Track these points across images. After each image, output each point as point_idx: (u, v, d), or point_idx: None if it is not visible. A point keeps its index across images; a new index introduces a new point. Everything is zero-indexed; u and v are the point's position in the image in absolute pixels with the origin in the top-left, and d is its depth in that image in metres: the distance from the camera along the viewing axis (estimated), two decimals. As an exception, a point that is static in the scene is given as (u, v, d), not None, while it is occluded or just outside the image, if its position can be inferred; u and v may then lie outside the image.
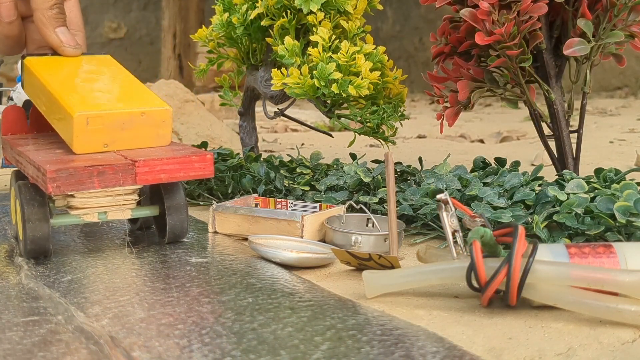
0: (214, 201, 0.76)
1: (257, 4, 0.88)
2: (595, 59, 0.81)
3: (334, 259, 0.63)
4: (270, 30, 0.89)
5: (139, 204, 0.69)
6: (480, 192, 0.72)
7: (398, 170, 0.85)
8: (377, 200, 0.77)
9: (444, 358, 0.41)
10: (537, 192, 0.71)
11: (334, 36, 0.83)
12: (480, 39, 0.75)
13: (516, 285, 0.48)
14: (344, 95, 0.81)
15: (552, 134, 0.84)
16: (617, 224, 0.63)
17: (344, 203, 0.76)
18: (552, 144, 0.85)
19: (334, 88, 0.80)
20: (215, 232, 0.74)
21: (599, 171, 0.74)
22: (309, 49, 0.83)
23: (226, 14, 0.94)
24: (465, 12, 0.76)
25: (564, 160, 0.83)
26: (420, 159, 0.87)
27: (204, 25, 1.03)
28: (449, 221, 0.55)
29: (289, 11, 0.86)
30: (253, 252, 0.66)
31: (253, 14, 0.88)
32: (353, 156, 0.91)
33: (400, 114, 0.89)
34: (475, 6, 0.76)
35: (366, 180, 0.80)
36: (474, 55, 0.84)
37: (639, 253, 0.50)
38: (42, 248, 0.63)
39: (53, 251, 0.66)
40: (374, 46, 0.85)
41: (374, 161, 0.94)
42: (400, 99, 0.90)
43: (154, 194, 0.71)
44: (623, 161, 1.28)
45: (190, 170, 0.63)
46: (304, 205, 0.76)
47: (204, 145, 1.02)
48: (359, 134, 0.91)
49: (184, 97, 1.49)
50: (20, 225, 0.64)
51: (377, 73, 0.82)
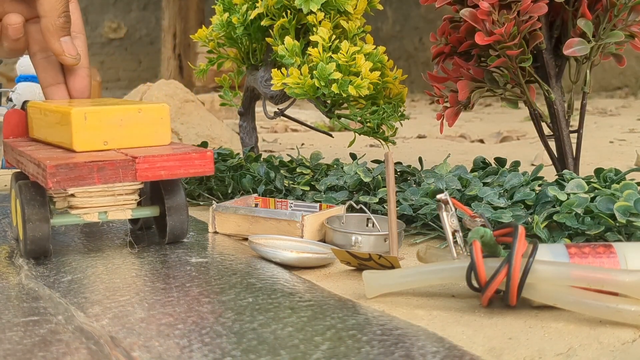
0: (214, 201, 0.76)
1: (257, 4, 0.88)
2: (595, 59, 0.81)
3: (334, 259, 0.63)
4: (270, 30, 0.89)
5: (139, 204, 0.69)
6: (480, 192, 0.72)
7: (398, 170, 0.85)
8: (377, 200, 0.77)
9: (444, 358, 0.41)
10: (537, 192, 0.71)
11: (334, 36, 0.83)
12: (480, 39, 0.75)
13: (516, 285, 0.48)
14: (344, 95, 0.81)
15: (552, 134, 0.84)
16: (617, 224, 0.63)
17: (344, 203, 0.76)
18: (552, 144, 0.85)
19: (334, 88, 0.80)
20: (215, 232, 0.74)
21: (599, 171, 0.74)
22: (309, 49, 0.83)
23: (226, 14, 0.94)
24: (465, 12, 0.76)
25: (564, 160, 0.83)
26: (420, 159, 0.87)
27: (204, 25, 1.03)
28: (449, 221, 0.55)
29: (289, 11, 0.86)
30: (253, 252, 0.66)
31: (253, 14, 0.88)
32: (353, 156, 0.91)
33: (400, 114, 0.89)
34: (475, 6, 0.76)
35: (366, 180, 0.80)
36: (474, 55, 0.84)
37: (639, 253, 0.50)
38: (42, 248, 0.63)
39: (53, 251, 0.66)
40: (374, 46, 0.85)
41: (374, 161, 0.94)
42: (400, 99, 0.90)
43: (154, 194, 0.71)
44: (623, 161, 1.28)
45: (190, 167, 0.63)
46: (304, 205, 0.76)
47: (203, 145, 1.02)
48: (359, 134, 0.91)
49: (184, 97, 1.49)
50: (20, 225, 0.64)
51: (377, 73, 0.82)
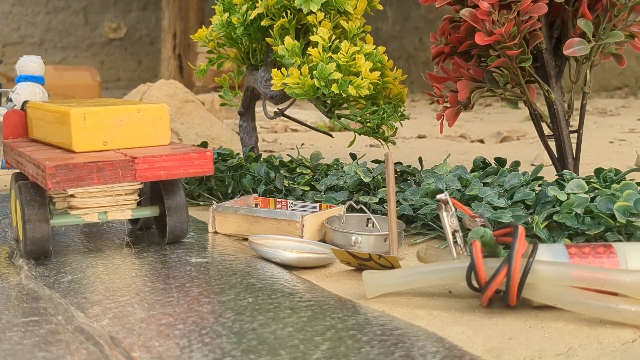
0: (214, 201, 0.76)
1: (257, 4, 0.88)
2: (595, 59, 0.81)
3: (334, 259, 0.63)
4: (270, 30, 0.89)
5: (139, 204, 0.69)
6: (480, 192, 0.72)
7: (398, 170, 0.85)
8: (377, 200, 0.77)
9: (444, 358, 0.41)
10: (537, 192, 0.71)
11: (334, 36, 0.83)
12: (480, 39, 0.75)
13: (516, 285, 0.48)
14: (344, 95, 0.81)
15: (552, 134, 0.84)
16: (617, 224, 0.63)
17: (344, 203, 0.76)
18: (552, 144, 0.85)
19: (334, 88, 0.80)
20: (215, 232, 0.74)
21: (599, 171, 0.74)
22: (309, 49, 0.83)
23: (226, 14, 0.94)
24: (465, 12, 0.76)
25: (564, 160, 0.83)
26: (420, 159, 0.87)
27: (204, 25, 1.03)
28: (449, 221, 0.55)
29: (289, 11, 0.86)
30: (253, 252, 0.66)
31: (253, 14, 0.88)
32: (353, 156, 0.91)
33: (400, 114, 0.89)
34: (475, 6, 0.76)
35: (366, 180, 0.80)
36: (474, 55, 0.84)
37: (639, 253, 0.50)
38: (42, 248, 0.63)
39: (53, 251, 0.66)
40: (374, 46, 0.85)
41: (374, 161, 0.94)
42: (400, 99, 0.90)
43: (154, 195, 0.71)
44: (623, 161, 1.28)
45: (190, 168, 0.63)
46: (304, 205, 0.76)
47: (203, 145, 1.02)
48: (359, 134, 0.91)
49: (184, 97, 1.49)
50: (20, 226, 0.64)
51: (377, 73, 0.82)
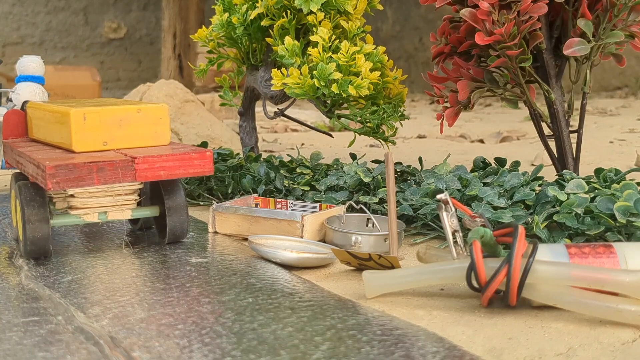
0: (214, 201, 0.76)
1: (257, 4, 0.88)
2: (595, 59, 0.81)
3: (334, 259, 0.63)
4: (270, 30, 0.89)
5: (139, 204, 0.69)
6: (480, 192, 0.72)
7: (398, 170, 0.85)
8: (377, 200, 0.77)
9: (444, 358, 0.41)
10: (537, 192, 0.71)
11: (334, 36, 0.83)
12: (480, 39, 0.75)
13: (516, 285, 0.48)
14: (344, 95, 0.81)
15: (552, 134, 0.84)
16: (617, 224, 0.63)
17: (344, 203, 0.76)
18: (552, 144, 0.85)
19: (334, 88, 0.80)
20: (215, 232, 0.74)
21: (599, 171, 0.74)
22: (309, 49, 0.82)
23: (226, 14, 0.94)
24: (465, 12, 0.76)
25: (564, 160, 0.83)
26: (420, 159, 0.87)
27: (204, 25, 1.03)
28: (449, 221, 0.55)
29: (289, 11, 0.86)
30: (253, 252, 0.66)
31: (253, 14, 0.88)
32: (353, 156, 0.91)
33: (400, 114, 0.89)
34: (475, 6, 0.76)
35: (366, 180, 0.80)
36: (474, 55, 0.84)
37: (639, 253, 0.50)
38: (42, 249, 0.63)
39: (53, 251, 0.66)
40: (374, 46, 0.85)
41: (374, 161, 0.94)
42: (400, 99, 0.90)
43: (154, 195, 0.71)
44: (623, 161, 1.28)
45: (190, 168, 0.63)
46: (304, 205, 0.76)
47: (203, 145, 1.02)
48: (359, 134, 0.91)
49: (184, 97, 1.49)
50: (20, 226, 0.64)
51: (377, 73, 0.82)
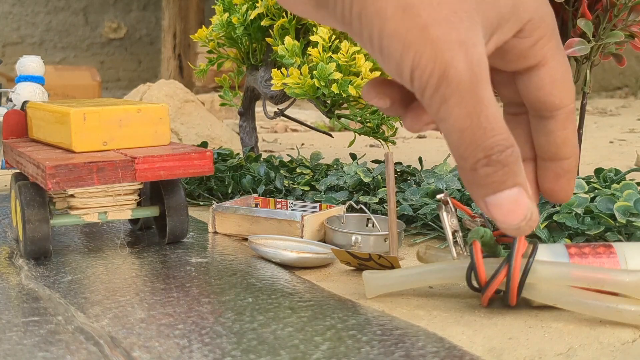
0: (214, 201, 0.76)
1: (257, 4, 0.88)
2: (595, 59, 0.81)
3: (334, 259, 0.63)
4: (270, 30, 0.89)
5: (139, 204, 0.69)
6: (480, 192, 0.72)
7: (398, 170, 0.85)
8: (377, 200, 0.77)
9: (444, 358, 0.41)
10: (537, 192, 0.71)
11: (334, 36, 0.83)
12: (480, 39, 0.75)
13: (516, 285, 0.48)
14: (344, 95, 0.81)
15: (552, 134, 0.84)
16: (617, 224, 0.63)
17: (344, 203, 0.76)
18: (552, 144, 0.85)
19: (334, 88, 0.80)
20: (215, 232, 0.74)
21: (599, 171, 0.74)
22: (309, 49, 0.82)
23: (226, 14, 0.94)
24: (465, 12, 0.76)
25: (564, 160, 0.83)
26: (420, 159, 0.87)
27: (204, 25, 1.03)
28: (449, 221, 0.55)
29: (289, 11, 0.86)
30: (253, 252, 0.66)
31: (253, 14, 0.88)
32: (353, 156, 0.91)
33: (400, 114, 0.89)
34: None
35: (366, 180, 0.80)
36: (474, 55, 0.84)
37: (639, 253, 0.50)
38: (42, 249, 0.63)
39: (53, 251, 0.66)
40: (374, 46, 0.84)
41: (374, 161, 0.94)
42: (400, 99, 0.90)
43: (154, 195, 0.71)
44: (623, 161, 1.28)
45: (190, 167, 0.63)
46: (304, 205, 0.76)
47: (203, 145, 1.02)
48: (359, 134, 0.91)
49: (184, 97, 1.49)
50: (20, 226, 0.64)
51: (378, 73, 0.82)
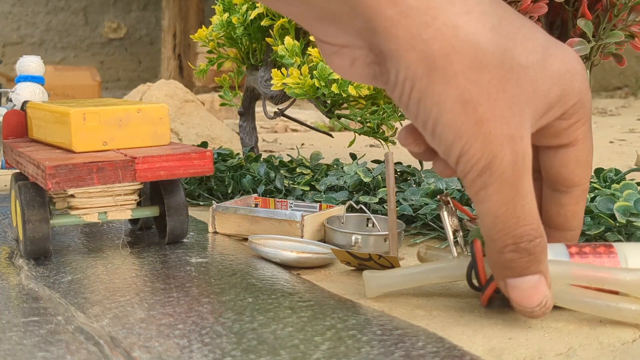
0: (214, 201, 0.76)
1: (257, 4, 0.88)
2: (595, 59, 0.81)
3: (334, 259, 0.63)
4: (270, 30, 0.89)
5: (139, 204, 0.69)
6: (480, 192, 0.72)
7: (398, 170, 0.85)
8: (377, 200, 0.77)
9: (444, 358, 0.41)
10: (537, 192, 0.71)
11: (333, 36, 0.83)
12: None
13: None
14: (344, 95, 0.81)
15: (552, 133, 0.84)
16: (617, 224, 0.63)
17: (344, 203, 0.76)
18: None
19: (334, 88, 0.80)
20: (215, 232, 0.74)
21: (599, 171, 0.74)
22: (309, 49, 0.83)
23: (226, 14, 0.94)
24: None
25: (564, 160, 0.83)
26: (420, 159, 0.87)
27: (204, 25, 1.03)
28: (449, 221, 0.55)
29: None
30: (253, 252, 0.66)
31: (253, 14, 0.88)
32: (353, 156, 0.91)
33: (400, 114, 0.89)
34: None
35: (366, 180, 0.80)
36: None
37: (639, 253, 0.50)
38: (42, 249, 0.63)
39: (53, 252, 0.66)
40: (374, 46, 0.84)
41: (374, 161, 0.94)
42: (400, 99, 0.90)
43: (154, 194, 0.71)
44: (623, 161, 1.28)
45: (190, 167, 0.63)
46: (304, 205, 0.76)
47: (203, 145, 1.02)
48: (359, 134, 0.91)
49: (184, 97, 1.49)
50: (20, 226, 0.64)
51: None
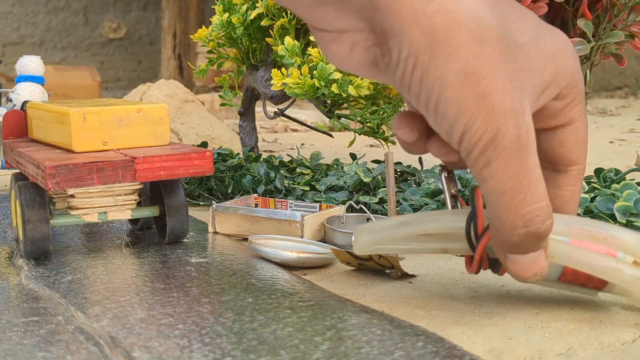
0: (214, 201, 0.76)
1: (257, 4, 0.88)
2: (595, 59, 0.81)
3: (334, 259, 0.63)
4: (270, 30, 0.89)
5: (139, 204, 0.69)
6: (480, 192, 0.72)
7: (398, 170, 0.85)
8: (377, 200, 0.77)
9: (444, 358, 0.41)
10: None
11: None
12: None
13: None
14: (344, 95, 0.81)
15: (552, 133, 0.84)
16: (617, 224, 0.63)
17: (344, 203, 0.76)
18: (552, 144, 0.85)
19: (334, 88, 0.80)
20: (215, 232, 0.74)
21: (599, 171, 0.74)
22: (309, 49, 0.83)
23: (226, 14, 0.94)
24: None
25: (564, 160, 0.83)
26: (420, 159, 0.87)
27: (204, 25, 1.03)
28: (448, 185, 0.52)
29: (289, 11, 0.86)
30: (253, 252, 0.66)
31: (253, 14, 0.88)
32: (353, 156, 0.91)
33: (400, 114, 0.89)
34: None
35: (366, 180, 0.80)
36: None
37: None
38: (42, 249, 0.63)
39: (53, 252, 0.66)
40: (374, 46, 0.84)
41: (374, 161, 0.94)
42: (401, 99, 0.90)
43: (154, 195, 0.71)
44: (623, 161, 1.28)
45: (190, 167, 0.63)
46: (304, 205, 0.76)
47: (203, 145, 1.02)
48: (359, 134, 0.91)
49: (184, 97, 1.49)
50: (20, 226, 0.64)
51: (377, 73, 0.82)
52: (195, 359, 0.41)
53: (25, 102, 0.80)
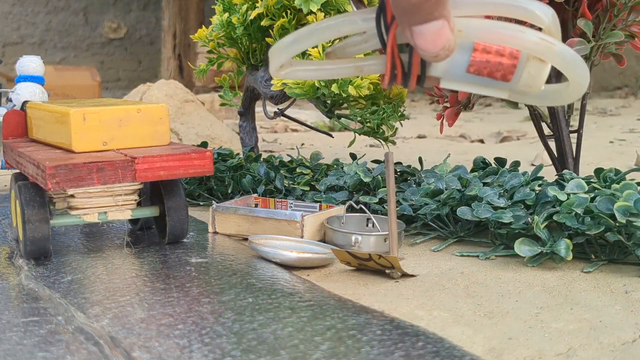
0: (214, 201, 0.76)
1: (257, 4, 0.88)
2: (595, 59, 0.81)
3: (334, 259, 0.63)
4: (270, 30, 0.89)
5: (139, 204, 0.69)
6: (480, 192, 0.72)
7: (398, 170, 0.85)
8: (377, 200, 0.77)
9: (444, 358, 0.41)
10: (537, 192, 0.71)
11: (333, 36, 0.83)
12: (480, 39, 0.75)
13: None
14: (344, 95, 0.81)
15: (552, 134, 0.84)
16: (617, 224, 0.63)
17: (344, 203, 0.76)
18: (552, 144, 0.85)
19: (334, 88, 0.80)
20: (215, 232, 0.74)
21: (599, 171, 0.74)
22: (309, 49, 0.82)
23: (226, 14, 0.94)
24: (465, 12, 0.76)
25: (564, 160, 0.83)
26: (420, 159, 0.87)
27: (204, 25, 1.03)
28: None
29: (289, 11, 0.86)
30: (253, 252, 0.66)
31: (253, 14, 0.88)
32: (353, 156, 0.91)
33: (400, 114, 0.89)
34: (475, 6, 0.76)
35: (366, 180, 0.80)
36: (474, 55, 0.84)
37: None
38: (42, 249, 0.63)
39: (53, 252, 0.66)
40: (374, 46, 0.84)
41: (374, 161, 0.94)
42: (400, 99, 0.90)
43: (154, 195, 0.71)
44: (623, 161, 1.28)
45: (190, 168, 0.63)
46: (304, 205, 0.76)
47: (203, 145, 1.02)
48: (359, 134, 0.91)
49: (184, 97, 1.49)
50: (20, 226, 0.64)
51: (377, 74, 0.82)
52: (195, 359, 0.41)
53: (25, 102, 0.80)
